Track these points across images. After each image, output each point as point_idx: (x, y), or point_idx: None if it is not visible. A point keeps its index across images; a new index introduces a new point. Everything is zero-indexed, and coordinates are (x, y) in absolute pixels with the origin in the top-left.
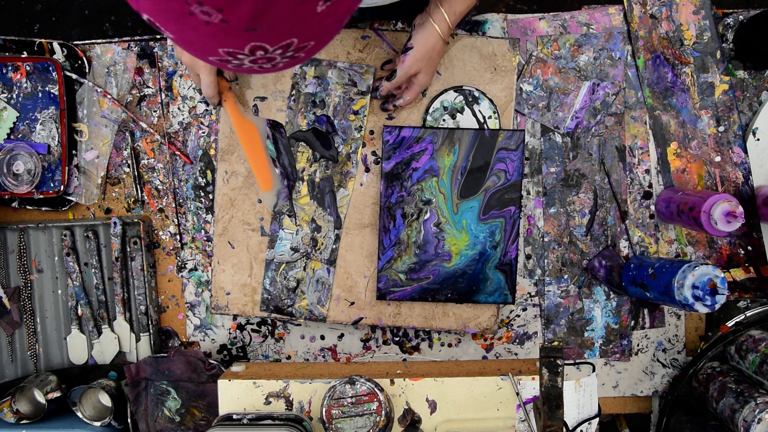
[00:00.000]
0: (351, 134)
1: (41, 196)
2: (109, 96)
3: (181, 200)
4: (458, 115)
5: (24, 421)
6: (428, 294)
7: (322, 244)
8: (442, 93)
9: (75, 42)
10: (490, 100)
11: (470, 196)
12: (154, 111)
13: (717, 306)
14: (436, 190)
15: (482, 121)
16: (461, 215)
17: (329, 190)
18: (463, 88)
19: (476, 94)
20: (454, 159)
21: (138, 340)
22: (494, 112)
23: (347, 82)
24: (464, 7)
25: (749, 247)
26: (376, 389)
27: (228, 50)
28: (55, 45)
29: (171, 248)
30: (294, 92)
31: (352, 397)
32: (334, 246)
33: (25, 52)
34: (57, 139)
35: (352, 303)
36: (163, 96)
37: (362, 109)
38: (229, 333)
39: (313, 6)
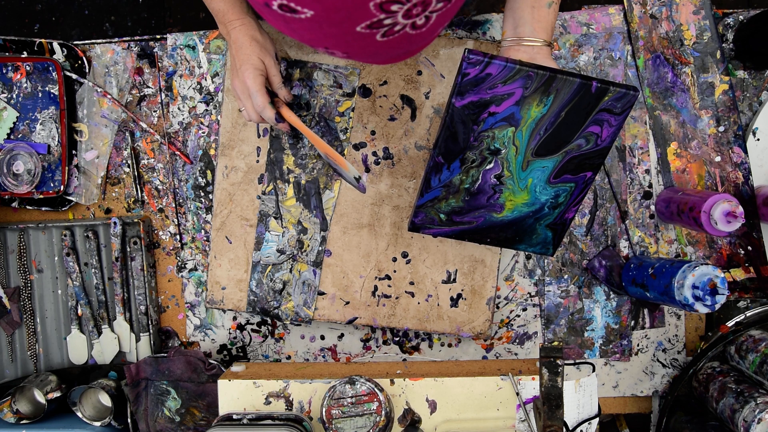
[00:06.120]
0: (337, 136)
1: (41, 196)
2: (109, 96)
3: (181, 200)
4: None
5: (24, 421)
6: (466, 235)
7: (308, 246)
8: None
9: (75, 42)
10: None
11: (547, 155)
12: (154, 111)
13: (717, 306)
14: (509, 142)
15: None
16: (529, 173)
17: (315, 192)
18: None
19: None
20: (543, 111)
21: (138, 340)
22: None
23: (333, 84)
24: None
25: (749, 247)
26: (376, 389)
27: (382, 1)
28: (55, 45)
29: (171, 248)
30: None
31: (352, 397)
32: (320, 248)
33: (25, 52)
34: (57, 139)
35: (347, 302)
36: (163, 96)
37: (348, 111)
38: (229, 333)
39: None
